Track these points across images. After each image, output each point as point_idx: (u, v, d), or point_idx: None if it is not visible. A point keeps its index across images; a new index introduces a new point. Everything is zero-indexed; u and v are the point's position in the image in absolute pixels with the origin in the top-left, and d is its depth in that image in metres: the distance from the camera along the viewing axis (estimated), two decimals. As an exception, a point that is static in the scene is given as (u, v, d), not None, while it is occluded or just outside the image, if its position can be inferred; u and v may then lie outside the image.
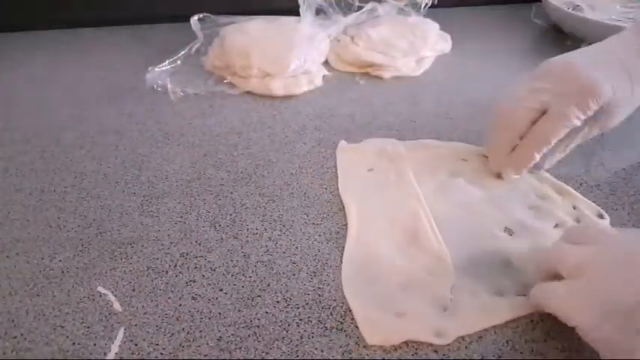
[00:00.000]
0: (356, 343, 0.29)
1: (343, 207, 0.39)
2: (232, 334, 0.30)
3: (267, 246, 0.36)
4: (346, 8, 0.63)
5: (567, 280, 0.28)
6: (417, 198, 0.39)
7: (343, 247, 0.36)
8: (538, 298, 0.29)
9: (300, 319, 0.31)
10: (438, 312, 0.31)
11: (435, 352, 0.29)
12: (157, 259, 0.36)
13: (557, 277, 0.29)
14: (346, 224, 0.38)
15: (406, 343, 0.29)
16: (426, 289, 0.32)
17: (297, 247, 0.36)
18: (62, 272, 0.35)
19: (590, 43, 0.61)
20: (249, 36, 0.59)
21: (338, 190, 0.41)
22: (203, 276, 0.34)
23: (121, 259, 0.36)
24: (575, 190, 0.40)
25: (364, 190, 0.41)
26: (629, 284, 0.25)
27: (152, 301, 0.32)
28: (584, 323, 0.26)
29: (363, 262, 0.34)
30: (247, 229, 0.38)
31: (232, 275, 0.34)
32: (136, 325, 0.31)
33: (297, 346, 0.29)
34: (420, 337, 0.29)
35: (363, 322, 0.30)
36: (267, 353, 0.29)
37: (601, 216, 0.38)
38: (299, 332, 0.30)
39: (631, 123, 0.49)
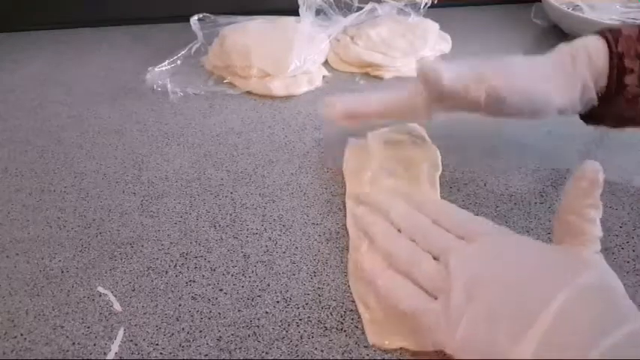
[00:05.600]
0: (356, 343, 0.29)
1: (343, 207, 0.39)
2: (232, 334, 0.30)
3: (267, 246, 0.36)
4: (346, 9, 0.63)
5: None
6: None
7: (343, 247, 0.36)
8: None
9: (300, 319, 0.31)
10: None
11: (435, 351, 0.29)
12: (157, 259, 0.36)
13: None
14: (346, 224, 0.38)
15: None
16: None
17: (297, 247, 0.36)
18: (62, 272, 0.35)
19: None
20: (249, 36, 0.59)
21: (338, 190, 0.41)
22: (203, 276, 0.34)
23: (121, 259, 0.36)
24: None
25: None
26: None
27: (152, 301, 0.32)
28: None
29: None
30: (247, 229, 0.38)
31: (232, 275, 0.34)
32: (136, 325, 0.31)
33: (297, 346, 0.29)
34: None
35: (368, 323, 0.30)
36: (267, 353, 0.29)
37: None
38: (299, 332, 0.30)
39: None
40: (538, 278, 0.26)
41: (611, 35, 0.36)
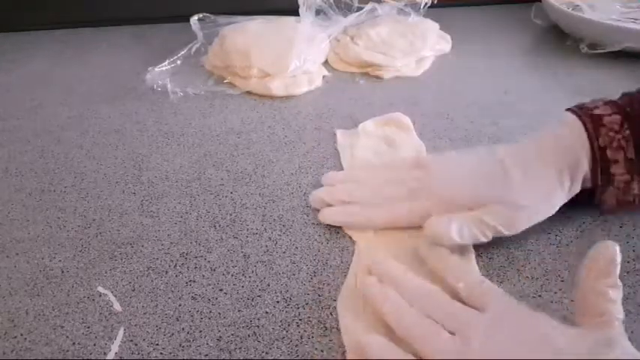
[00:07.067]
0: (356, 343, 0.29)
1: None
2: (232, 334, 0.30)
3: (267, 246, 0.36)
4: (346, 9, 0.63)
5: None
6: None
7: (343, 247, 0.36)
8: None
9: (300, 319, 0.31)
10: None
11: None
12: (157, 259, 0.36)
13: None
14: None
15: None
16: None
17: (297, 247, 0.36)
18: (62, 272, 0.35)
19: (588, 44, 0.62)
20: (249, 36, 0.59)
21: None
22: (203, 276, 0.34)
23: (121, 259, 0.36)
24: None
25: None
26: None
27: (152, 301, 0.32)
28: None
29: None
30: (247, 229, 0.38)
31: (232, 275, 0.34)
32: (136, 325, 0.31)
33: (297, 346, 0.29)
34: None
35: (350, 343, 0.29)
36: (267, 353, 0.29)
37: None
38: (299, 332, 0.30)
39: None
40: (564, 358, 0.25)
41: (591, 126, 0.34)
